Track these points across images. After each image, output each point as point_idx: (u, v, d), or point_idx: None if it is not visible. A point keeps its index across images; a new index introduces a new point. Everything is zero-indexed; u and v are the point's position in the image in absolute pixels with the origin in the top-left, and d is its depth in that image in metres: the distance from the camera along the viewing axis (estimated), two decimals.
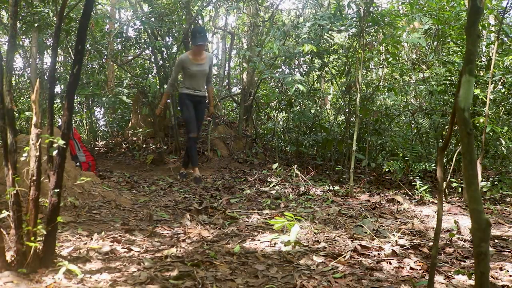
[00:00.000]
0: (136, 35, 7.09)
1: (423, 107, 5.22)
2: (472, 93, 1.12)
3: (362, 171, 5.37)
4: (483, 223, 1.00)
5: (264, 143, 7.39)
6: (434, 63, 5.29)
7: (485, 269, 1.01)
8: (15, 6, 1.87)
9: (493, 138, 4.50)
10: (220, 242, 2.45)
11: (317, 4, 7.20)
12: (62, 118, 1.93)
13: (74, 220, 2.80)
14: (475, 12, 1.05)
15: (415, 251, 2.35)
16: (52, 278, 1.68)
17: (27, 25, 4.75)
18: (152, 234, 2.55)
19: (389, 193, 4.28)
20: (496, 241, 2.60)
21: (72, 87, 1.86)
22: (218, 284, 1.73)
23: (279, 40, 5.22)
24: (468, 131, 1.01)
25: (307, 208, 3.66)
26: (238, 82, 9.51)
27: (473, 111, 4.17)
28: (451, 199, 4.17)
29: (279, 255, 2.22)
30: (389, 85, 5.90)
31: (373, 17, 4.55)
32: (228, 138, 7.14)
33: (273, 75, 5.29)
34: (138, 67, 8.89)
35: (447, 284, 1.84)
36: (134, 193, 4.25)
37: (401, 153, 4.86)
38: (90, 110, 7.51)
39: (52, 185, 1.80)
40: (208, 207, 3.51)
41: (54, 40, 1.96)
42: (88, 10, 1.91)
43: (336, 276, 1.89)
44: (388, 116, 5.78)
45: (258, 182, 5.00)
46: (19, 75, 7.89)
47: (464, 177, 1.04)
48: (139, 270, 1.86)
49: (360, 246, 2.40)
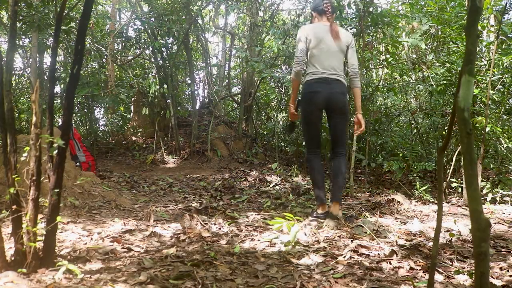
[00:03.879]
0: (136, 35, 7.10)
1: (423, 107, 5.22)
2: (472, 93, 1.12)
3: (362, 171, 5.37)
4: (483, 223, 1.00)
5: (264, 143, 7.39)
6: (434, 63, 5.29)
7: (485, 269, 1.00)
8: (15, 6, 1.87)
9: (493, 138, 4.50)
10: (220, 242, 2.45)
11: None
12: (62, 118, 1.93)
13: (74, 220, 2.80)
14: (475, 12, 1.05)
15: (415, 251, 2.35)
16: (52, 278, 1.68)
17: (27, 25, 4.75)
18: (152, 234, 2.55)
19: (389, 193, 4.28)
20: (496, 241, 2.60)
21: (72, 87, 1.86)
22: (218, 284, 1.73)
23: (279, 39, 5.21)
24: (468, 131, 1.01)
25: (307, 208, 3.66)
26: (238, 82, 9.51)
27: (473, 111, 4.17)
28: (451, 199, 4.17)
29: (279, 255, 2.22)
30: (389, 85, 5.91)
31: (373, 17, 4.55)
32: (228, 138, 7.14)
33: (273, 75, 5.29)
34: (138, 67, 8.89)
35: (447, 284, 1.84)
36: (134, 193, 4.25)
37: (401, 153, 4.86)
38: (90, 110, 7.51)
39: (52, 185, 1.80)
40: (208, 207, 3.51)
41: (54, 40, 1.96)
42: (88, 10, 1.91)
43: (336, 276, 1.89)
44: (388, 116, 5.78)
45: (258, 182, 5.00)
46: (19, 75, 7.90)
47: (464, 177, 1.04)
48: (139, 270, 1.86)
49: (360, 246, 2.40)
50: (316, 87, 3.04)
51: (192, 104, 7.67)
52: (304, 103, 3.12)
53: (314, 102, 3.05)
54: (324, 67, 3.04)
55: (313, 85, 3.06)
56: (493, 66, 3.87)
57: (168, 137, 7.35)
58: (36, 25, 4.67)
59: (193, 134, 6.92)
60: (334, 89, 3.03)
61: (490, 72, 3.84)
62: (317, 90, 3.03)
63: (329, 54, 3.06)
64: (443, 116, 4.80)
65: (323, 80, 3.03)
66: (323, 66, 3.05)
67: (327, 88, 3.03)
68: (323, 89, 3.02)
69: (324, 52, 3.06)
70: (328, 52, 3.06)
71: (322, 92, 3.02)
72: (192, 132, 6.98)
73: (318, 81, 3.04)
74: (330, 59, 3.06)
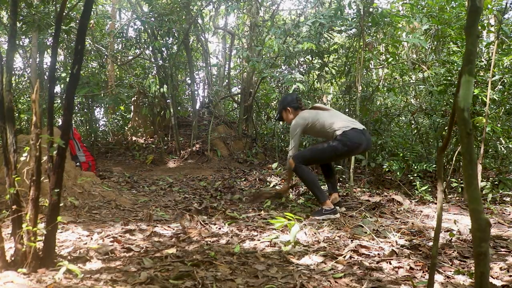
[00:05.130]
0: (136, 35, 7.10)
1: (423, 107, 5.22)
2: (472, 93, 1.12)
3: (362, 171, 5.37)
4: (483, 223, 1.00)
5: (264, 143, 7.39)
6: (434, 63, 5.29)
7: (485, 269, 1.00)
8: (15, 6, 1.87)
9: (493, 138, 4.50)
10: (220, 242, 2.45)
11: (318, 3, 7.19)
12: (62, 118, 1.93)
13: (74, 220, 2.80)
14: (475, 12, 1.05)
15: (415, 251, 2.35)
16: (52, 278, 1.68)
17: (27, 25, 4.75)
18: (152, 234, 2.55)
19: (389, 193, 4.28)
20: (496, 241, 2.60)
21: (72, 87, 1.86)
22: (218, 284, 1.73)
23: (279, 38, 5.21)
24: (468, 131, 1.01)
25: (307, 208, 3.66)
26: (238, 82, 9.51)
27: (473, 111, 4.17)
28: (451, 199, 4.17)
29: (279, 255, 2.22)
30: (389, 85, 5.90)
31: (373, 17, 4.55)
32: (228, 138, 7.14)
33: (273, 75, 5.29)
34: (138, 67, 8.89)
35: (447, 284, 1.84)
36: (134, 193, 4.25)
37: (401, 153, 4.86)
38: (90, 110, 7.51)
39: (52, 185, 1.80)
40: (208, 207, 3.51)
41: (54, 40, 1.96)
42: (88, 10, 1.91)
43: (336, 276, 1.89)
44: (388, 116, 5.77)
45: (258, 182, 5.00)
46: (19, 75, 7.89)
47: (464, 177, 1.04)
48: (139, 270, 1.86)
49: (360, 246, 2.40)
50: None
51: (192, 104, 7.67)
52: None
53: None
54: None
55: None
56: (493, 66, 3.87)
57: (168, 137, 7.35)
58: (36, 25, 4.66)
59: (193, 134, 6.92)
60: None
61: (490, 72, 3.84)
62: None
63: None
64: (443, 116, 4.80)
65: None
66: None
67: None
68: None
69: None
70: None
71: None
72: (192, 132, 6.97)
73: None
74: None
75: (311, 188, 3.41)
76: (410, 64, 5.39)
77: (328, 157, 3.52)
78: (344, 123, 3.45)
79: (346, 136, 3.36)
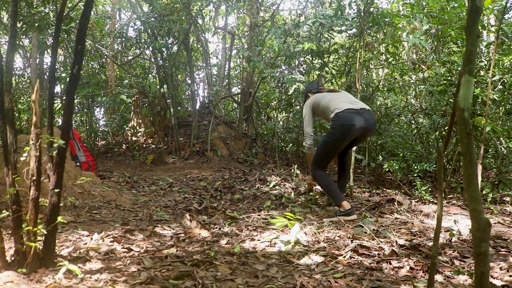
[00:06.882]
0: (136, 35, 7.10)
1: (423, 107, 5.22)
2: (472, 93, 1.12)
3: (362, 171, 5.37)
4: (483, 223, 1.00)
5: (264, 143, 7.39)
6: (434, 63, 5.29)
7: (485, 269, 1.00)
8: (15, 6, 1.87)
9: (493, 138, 4.50)
10: (220, 242, 2.45)
11: (318, 3, 7.20)
12: (62, 118, 1.93)
13: (74, 220, 2.81)
14: (475, 12, 1.05)
15: (415, 251, 2.35)
16: (52, 278, 1.68)
17: (27, 25, 4.75)
18: (152, 234, 2.55)
19: (389, 193, 4.28)
20: (496, 241, 2.60)
21: (72, 87, 1.86)
22: (218, 284, 1.73)
23: (279, 38, 5.21)
24: (468, 131, 1.01)
25: (307, 208, 3.66)
26: (238, 82, 9.51)
27: (473, 111, 4.17)
28: (451, 199, 4.17)
29: (279, 255, 2.21)
30: (389, 85, 5.90)
31: (374, 17, 4.55)
32: (228, 138, 7.14)
33: (273, 75, 5.29)
34: (138, 67, 8.89)
35: (447, 284, 1.84)
36: (134, 193, 4.25)
37: (401, 153, 4.86)
38: (90, 110, 7.51)
39: (52, 185, 1.80)
40: (208, 207, 3.51)
41: (54, 40, 1.96)
42: (87, 10, 1.91)
43: (336, 276, 1.89)
44: (388, 116, 5.77)
45: (258, 182, 5.00)
46: (19, 75, 7.90)
47: (464, 177, 1.04)
48: (139, 270, 1.86)
49: (360, 246, 2.40)
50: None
51: (192, 104, 7.67)
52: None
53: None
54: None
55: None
56: (493, 66, 3.87)
57: (168, 137, 7.35)
58: (36, 25, 4.67)
59: (193, 134, 6.92)
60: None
61: (490, 72, 3.84)
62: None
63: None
64: (443, 116, 4.80)
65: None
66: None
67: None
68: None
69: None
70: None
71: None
72: (192, 132, 6.97)
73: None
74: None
75: (326, 190, 3.42)
76: (410, 64, 5.39)
77: (330, 148, 3.36)
78: (340, 104, 3.33)
79: (337, 117, 3.28)
